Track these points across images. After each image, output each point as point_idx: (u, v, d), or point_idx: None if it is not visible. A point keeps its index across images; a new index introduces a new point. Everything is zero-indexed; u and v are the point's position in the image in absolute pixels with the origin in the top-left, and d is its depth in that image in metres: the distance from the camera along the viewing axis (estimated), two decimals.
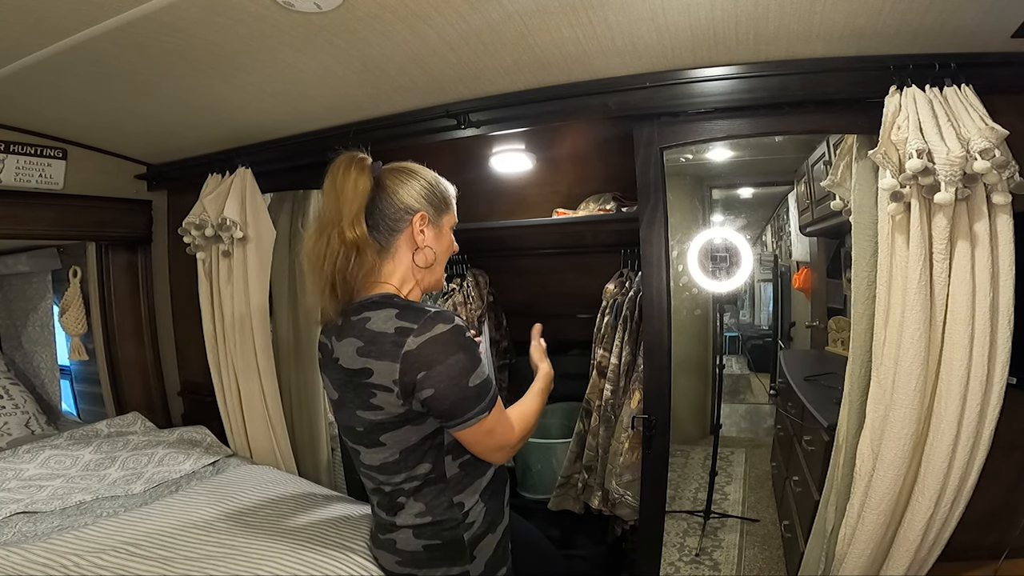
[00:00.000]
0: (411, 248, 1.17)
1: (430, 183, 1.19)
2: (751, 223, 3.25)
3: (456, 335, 1.05)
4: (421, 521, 1.13)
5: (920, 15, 1.25)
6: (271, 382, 2.16)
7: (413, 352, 1.02)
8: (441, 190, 1.21)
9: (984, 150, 1.19)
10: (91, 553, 1.35)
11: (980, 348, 1.27)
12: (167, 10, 1.27)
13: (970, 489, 1.34)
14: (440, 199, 1.20)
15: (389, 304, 1.09)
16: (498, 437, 1.12)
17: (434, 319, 1.05)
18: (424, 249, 1.17)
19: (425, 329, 1.03)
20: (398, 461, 1.11)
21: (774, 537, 2.39)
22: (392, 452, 1.10)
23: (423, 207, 1.17)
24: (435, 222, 1.19)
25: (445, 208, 1.21)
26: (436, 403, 1.04)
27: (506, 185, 2.50)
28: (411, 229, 1.16)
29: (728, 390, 3.28)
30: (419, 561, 1.15)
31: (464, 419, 1.06)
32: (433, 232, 1.19)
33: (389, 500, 1.16)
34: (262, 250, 2.11)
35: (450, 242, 1.24)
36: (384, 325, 1.05)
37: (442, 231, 1.21)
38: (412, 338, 1.02)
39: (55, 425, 2.58)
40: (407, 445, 1.09)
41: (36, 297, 2.87)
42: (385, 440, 1.10)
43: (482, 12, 1.31)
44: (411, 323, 1.04)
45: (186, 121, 2.02)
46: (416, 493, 1.12)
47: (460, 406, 1.05)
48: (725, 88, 1.55)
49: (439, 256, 1.21)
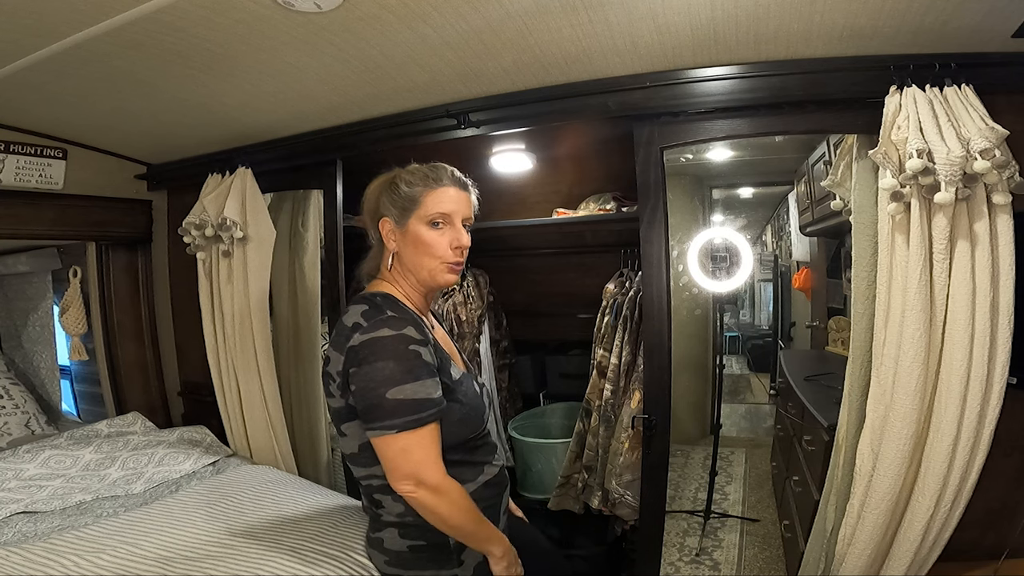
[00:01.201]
0: (390, 250, 1.21)
1: (393, 185, 1.19)
2: (751, 223, 3.25)
3: (397, 343, 1.05)
4: (404, 520, 1.14)
5: (920, 15, 1.25)
6: (271, 382, 2.16)
7: (355, 348, 1.05)
8: (404, 191, 1.17)
9: (984, 150, 1.19)
10: (91, 553, 1.35)
11: (980, 348, 1.27)
12: (167, 10, 1.27)
13: (970, 489, 1.34)
14: (404, 198, 1.17)
15: (366, 301, 1.12)
16: (411, 463, 1.04)
17: (384, 322, 1.06)
18: (393, 254, 1.20)
19: (371, 329, 1.05)
20: (359, 455, 1.13)
21: (774, 537, 2.39)
22: (353, 444, 1.13)
23: (385, 211, 1.19)
24: (401, 223, 1.18)
25: (411, 206, 1.17)
26: (355, 401, 1.07)
27: (506, 185, 2.50)
28: (383, 235, 1.21)
29: (728, 390, 3.28)
30: (405, 562, 1.15)
31: (371, 426, 1.06)
32: (399, 234, 1.18)
33: (367, 492, 1.19)
34: (262, 250, 2.11)
35: (425, 241, 1.16)
36: (349, 319, 1.09)
37: (408, 232, 1.17)
38: (358, 335, 1.06)
39: (55, 425, 2.58)
40: (363, 440, 1.11)
41: (36, 297, 2.87)
42: (345, 431, 1.14)
43: (482, 12, 1.31)
44: (365, 321, 1.07)
45: (186, 121, 2.02)
46: (393, 492, 1.10)
47: (371, 412, 1.05)
48: (725, 88, 1.55)
49: (411, 258, 1.18)
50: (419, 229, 1.17)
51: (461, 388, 1.15)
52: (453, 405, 1.11)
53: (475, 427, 1.18)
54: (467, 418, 1.15)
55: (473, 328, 2.47)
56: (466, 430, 1.16)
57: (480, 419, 1.19)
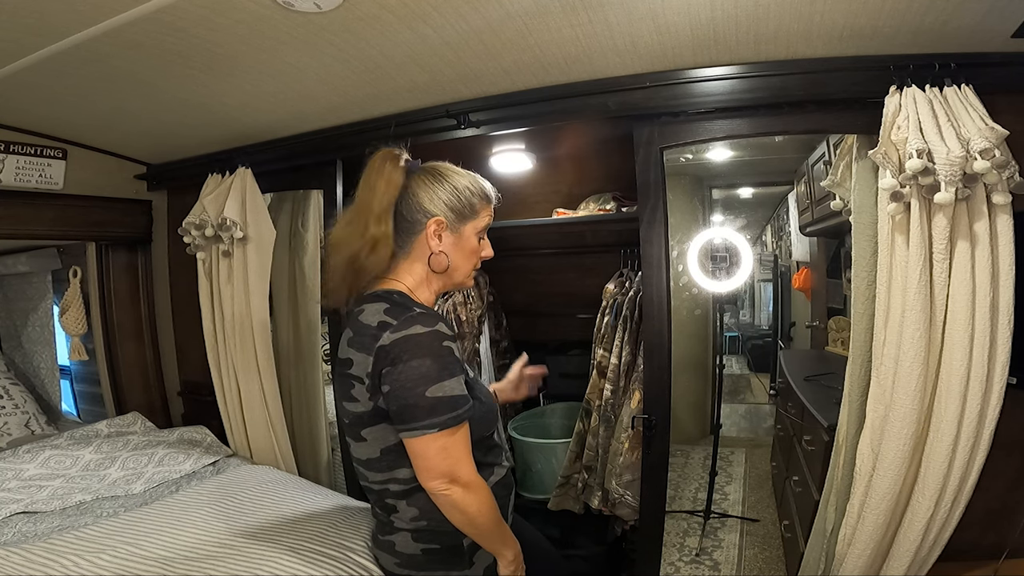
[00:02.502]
0: (426, 252, 1.15)
1: (455, 188, 1.15)
2: (751, 223, 3.25)
3: (431, 339, 1.03)
4: (418, 525, 1.13)
5: (920, 15, 1.25)
6: (271, 382, 2.16)
7: (386, 347, 1.02)
8: (467, 196, 1.16)
9: (984, 150, 1.19)
10: (91, 553, 1.35)
11: (980, 348, 1.27)
12: (167, 10, 1.27)
13: (970, 489, 1.34)
14: (465, 205, 1.16)
15: (384, 299, 1.09)
16: (448, 461, 1.04)
17: (415, 319, 1.03)
18: (438, 255, 1.15)
19: (403, 327, 1.02)
20: (380, 459, 1.10)
21: (774, 537, 2.39)
22: (373, 449, 1.10)
23: (441, 212, 1.14)
24: (454, 228, 1.16)
25: (470, 214, 1.17)
26: (389, 402, 1.04)
27: (506, 185, 2.46)
28: (426, 232, 1.14)
29: (728, 390, 3.28)
30: (418, 564, 1.14)
31: (409, 427, 1.03)
32: (452, 238, 1.16)
33: (379, 499, 1.16)
34: (262, 250, 2.11)
35: (474, 248, 1.19)
36: (371, 318, 1.06)
37: (462, 237, 1.17)
38: (388, 333, 1.02)
39: (55, 425, 2.58)
40: (387, 444, 1.09)
41: (36, 297, 2.87)
42: (366, 435, 1.10)
43: (482, 12, 1.31)
44: (393, 319, 1.04)
45: (186, 121, 2.02)
46: (408, 497, 1.11)
47: (408, 412, 1.02)
48: (725, 88, 1.55)
49: (456, 262, 1.17)
50: (471, 237, 1.18)
51: (478, 386, 1.16)
52: (474, 403, 1.10)
53: (490, 425, 1.18)
54: (484, 417, 1.14)
55: (473, 328, 2.47)
56: (483, 428, 1.15)
57: (494, 417, 1.20)
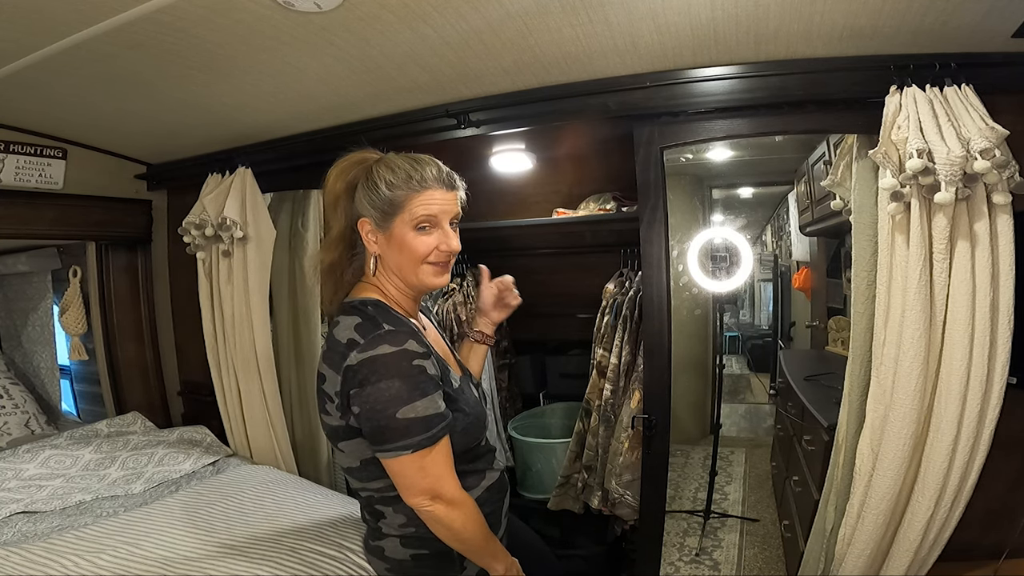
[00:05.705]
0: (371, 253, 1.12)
1: (375, 184, 1.07)
2: (751, 223, 3.25)
3: (399, 359, 0.99)
4: (407, 532, 1.11)
5: (920, 15, 1.25)
6: (271, 382, 2.16)
7: (353, 367, 0.99)
8: (385, 192, 1.06)
9: (984, 150, 1.18)
10: (91, 553, 1.35)
11: (980, 348, 1.27)
12: (167, 10, 1.27)
13: (970, 489, 1.34)
14: (384, 200, 1.06)
15: (358, 311, 1.05)
16: (428, 480, 1.01)
17: (383, 338, 0.99)
18: (379, 255, 1.11)
19: (369, 346, 0.99)
20: (360, 469, 1.09)
21: (774, 537, 2.39)
22: (353, 459, 1.09)
23: (363, 211, 1.09)
24: (383, 227, 1.08)
25: (395, 209, 1.06)
26: (361, 423, 1.02)
27: (506, 185, 2.49)
28: (364, 237, 1.11)
29: (728, 390, 3.27)
30: (407, 569, 1.13)
31: (383, 448, 1.00)
32: (382, 237, 1.09)
33: (367, 504, 1.16)
34: (262, 250, 2.11)
35: (411, 244, 1.07)
36: (342, 334, 1.02)
37: (393, 235, 1.08)
38: (355, 353, 0.99)
39: (55, 425, 2.58)
40: (365, 457, 1.07)
41: (36, 297, 2.87)
42: (343, 448, 1.09)
43: (482, 12, 1.31)
44: (361, 336, 1.00)
45: (186, 121, 2.02)
46: (395, 504, 1.09)
47: (380, 434, 0.99)
48: (725, 88, 1.55)
49: (398, 263, 1.10)
50: (404, 233, 1.07)
51: (463, 396, 1.12)
52: (457, 415, 1.07)
53: (477, 436, 1.15)
54: (469, 428, 1.12)
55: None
56: (468, 439, 1.12)
57: (481, 427, 1.17)
